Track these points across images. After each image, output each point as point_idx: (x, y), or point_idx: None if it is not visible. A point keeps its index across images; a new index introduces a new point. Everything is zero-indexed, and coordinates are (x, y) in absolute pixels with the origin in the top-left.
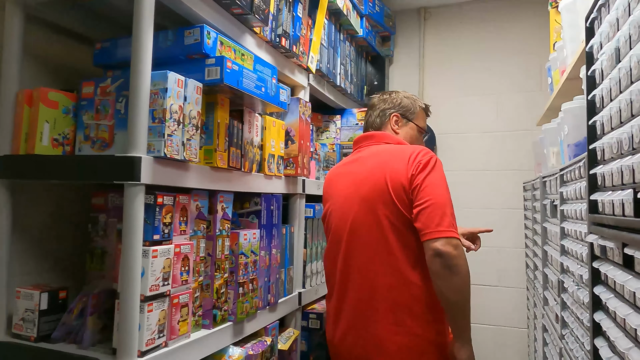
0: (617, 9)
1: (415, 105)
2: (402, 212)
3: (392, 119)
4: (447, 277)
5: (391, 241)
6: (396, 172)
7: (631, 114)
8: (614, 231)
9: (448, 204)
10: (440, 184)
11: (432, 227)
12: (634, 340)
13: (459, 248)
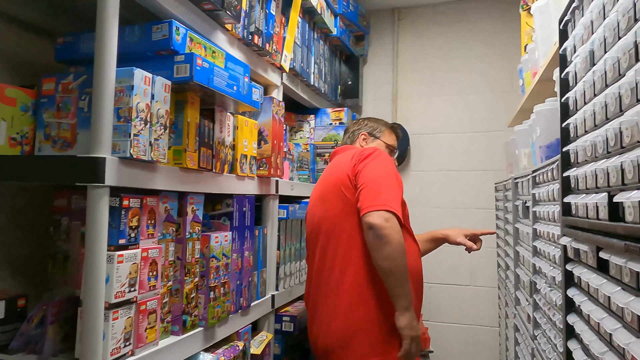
0: (592, 12)
1: (380, 125)
2: (348, 200)
3: (360, 137)
4: (379, 247)
5: (341, 229)
6: (345, 165)
7: (606, 118)
8: (588, 234)
9: (385, 184)
10: (379, 168)
11: (367, 204)
12: (609, 344)
13: (390, 220)
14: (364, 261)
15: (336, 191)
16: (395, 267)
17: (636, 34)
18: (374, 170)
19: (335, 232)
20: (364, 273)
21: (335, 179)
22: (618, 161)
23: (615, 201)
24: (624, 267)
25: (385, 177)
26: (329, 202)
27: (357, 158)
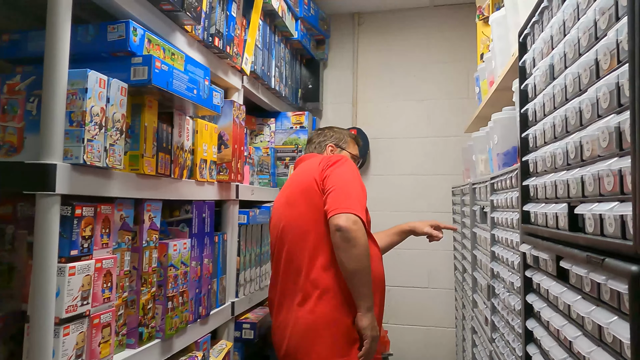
0: (552, 27)
1: (345, 137)
2: (315, 204)
3: (328, 148)
4: (347, 249)
5: (308, 232)
6: (312, 170)
7: (566, 131)
8: (548, 243)
9: (352, 189)
10: (346, 174)
11: (335, 206)
12: (569, 351)
13: (357, 223)
14: (330, 265)
15: (303, 195)
16: (361, 268)
17: (597, 52)
18: (342, 175)
19: (302, 235)
20: (329, 276)
21: (302, 184)
22: (579, 173)
23: (576, 212)
24: (584, 278)
25: (352, 183)
26: (296, 206)
27: (324, 163)
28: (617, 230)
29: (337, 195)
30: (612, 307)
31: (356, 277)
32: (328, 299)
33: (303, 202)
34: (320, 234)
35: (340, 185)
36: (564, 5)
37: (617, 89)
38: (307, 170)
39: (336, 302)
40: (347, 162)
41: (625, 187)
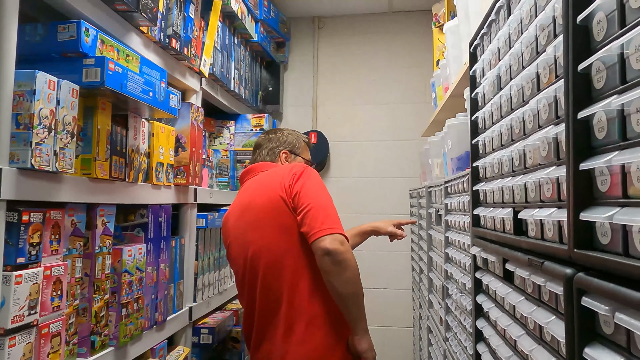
0: (499, 40)
1: (300, 141)
2: (287, 225)
3: (282, 155)
4: (339, 273)
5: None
6: (275, 187)
7: (511, 139)
8: (495, 246)
9: (329, 205)
10: (317, 188)
11: (317, 227)
12: (514, 349)
13: (345, 244)
14: (314, 288)
15: (270, 216)
16: (355, 291)
17: (538, 65)
18: (313, 190)
19: (277, 261)
20: (315, 301)
21: (267, 203)
22: (522, 180)
23: (519, 217)
24: (527, 279)
25: (325, 197)
26: (264, 229)
27: (289, 178)
28: (555, 235)
29: (315, 215)
30: (551, 308)
31: (351, 301)
32: (318, 326)
33: (272, 224)
34: (297, 257)
35: (316, 202)
36: (509, 20)
37: (555, 102)
38: (268, 186)
39: (327, 329)
40: (312, 173)
41: (562, 194)
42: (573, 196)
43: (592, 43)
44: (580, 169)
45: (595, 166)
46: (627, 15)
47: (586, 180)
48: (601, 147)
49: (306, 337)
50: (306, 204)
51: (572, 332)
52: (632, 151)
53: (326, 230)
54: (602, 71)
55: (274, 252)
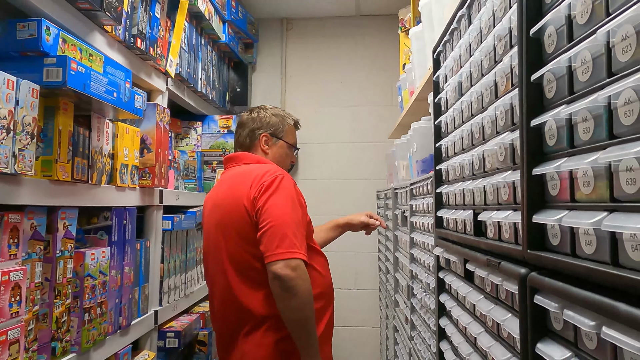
0: (460, 47)
1: (284, 123)
2: (249, 237)
3: (262, 139)
4: (286, 299)
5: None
6: (241, 196)
7: (472, 144)
8: (457, 247)
9: (290, 224)
10: (282, 204)
11: (272, 250)
12: (474, 346)
13: (298, 269)
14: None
15: (235, 225)
16: (303, 318)
17: (496, 74)
18: (277, 206)
19: (240, 268)
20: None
21: (233, 210)
22: (482, 184)
23: (479, 219)
24: (485, 279)
25: (289, 213)
26: (229, 237)
27: (257, 188)
28: (512, 236)
29: (272, 236)
30: (507, 306)
31: (298, 327)
32: (276, 331)
33: (235, 234)
34: (257, 269)
35: (277, 221)
36: (469, 29)
37: (511, 109)
38: (238, 191)
39: (284, 335)
40: (282, 185)
41: (518, 197)
42: (527, 200)
43: (544, 55)
44: (533, 174)
45: (547, 172)
46: (574, 30)
47: (539, 184)
48: (552, 153)
49: (263, 341)
50: (266, 222)
51: (526, 329)
52: (578, 158)
53: (279, 254)
54: (552, 82)
55: (236, 260)
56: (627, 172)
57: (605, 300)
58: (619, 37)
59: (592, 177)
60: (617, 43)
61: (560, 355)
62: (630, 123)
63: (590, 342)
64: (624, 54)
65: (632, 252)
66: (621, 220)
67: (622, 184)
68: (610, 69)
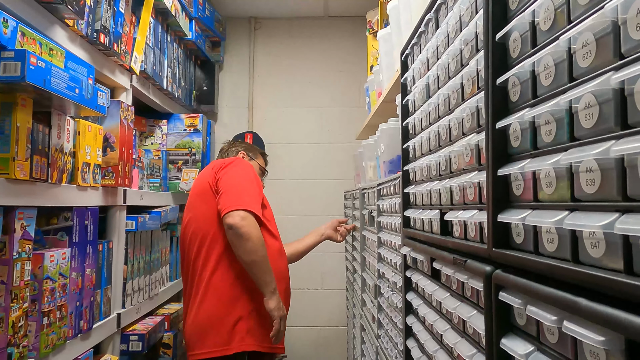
0: (428, 50)
1: (255, 150)
2: (209, 205)
3: (240, 154)
4: (240, 244)
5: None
6: (207, 176)
7: (439, 145)
8: (424, 246)
9: (243, 186)
10: (237, 173)
11: (225, 206)
12: (440, 343)
13: (247, 218)
14: (218, 263)
15: (199, 198)
16: (257, 258)
17: (462, 77)
18: (233, 175)
19: (199, 238)
20: (217, 275)
21: (198, 187)
22: (448, 184)
23: (445, 219)
24: (452, 277)
25: (243, 181)
26: (193, 210)
27: (218, 166)
28: (477, 235)
29: (227, 195)
30: (473, 303)
31: (255, 268)
32: (214, 292)
33: (199, 205)
34: (214, 235)
35: (231, 184)
36: (437, 32)
37: (477, 112)
38: (204, 174)
39: (222, 296)
40: (240, 162)
41: (483, 197)
42: (492, 199)
43: (509, 59)
44: (498, 175)
45: (511, 172)
46: (537, 36)
47: (503, 185)
48: (516, 154)
49: (204, 299)
50: (222, 187)
51: (491, 325)
52: (541, 159)
53: (232, 207)
54: (517, 85)
55: (196, 231)
56: (587, 172)
57: (566, 295)
58: (579, 43)
59: (554, 177)
60: (578, 49)
61: (524, 350)
62: (590, 126)
63: (552, 336)
64: (584, 60)
65: (592, 250)
66: (581, 219)
67: (582, 185)
68: (571, 74)
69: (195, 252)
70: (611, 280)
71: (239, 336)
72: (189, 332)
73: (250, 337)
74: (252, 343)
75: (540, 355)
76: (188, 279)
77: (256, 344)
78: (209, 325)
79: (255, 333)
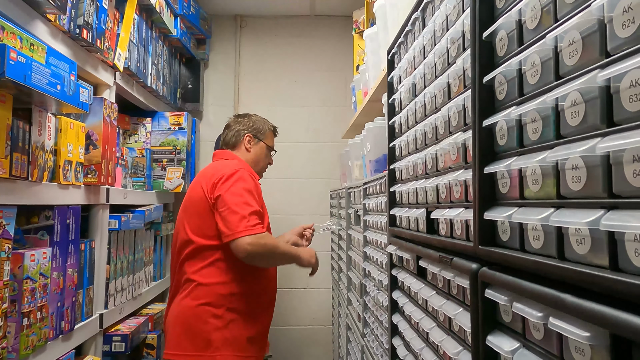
0: (415, 49)
1: (265, 127)
2: (204, 216)
3: (246, 139)
4: (261, 264)
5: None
6: (206, 183)
7: (425, 144)
8: (410, 244)
9: (246, 208)
10: (238, 192)
11: (230, 231)
12: (426, 341)
13: (253, 244)
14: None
15: (194, 209)
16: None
17: (449, 76)
18: (233, 192)
19: (189, 245)
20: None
21: (197, 196)
22: (434, 182)
23: (432, 217)
24: (438, 275)
25: (245, 201)
26: (189, 217)
27: (216, 179)
28: (463, 233)
29: (229, 217)
30: (459, 300)
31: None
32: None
33: (193, 214)
34: (202, 247)
35: (233, 205)
36: (423, 31)
37: (464, 110)
38: (204, 178)
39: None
40: (240, 177)
41: (469, 195)
42: (478, 197)
43: (496, 58)
44: (484, 173)
45: (497, 170)
46: (524, 35)
47: (490, 182)
48: (503, 152)
49: (182, 299)
50: (223, 206)
51: (477, 322)
52: (527, 157)
53: (240, 232)
54: (503, 84)
55: (185, 235)
56: (573, 170)
57: (552, 292)
58: (566, 42)
59: (540, 175)
60: (564, 48)
61: (510, 347)
62: (576, 124)
63: (537, 332)
64: (571, 58)
65: (577, 246)
66: (567, 216)
67: (568, 182)
68: (557, 72)
69: (183, 258)
70: (597, 276)
71: (214, 345)
72: (167, 328)
73: (228, 346)
74: (229, 353)
75: (525, 351)
76: (174, 280)
77: (232, 354)
78: (187, 327)
79: (232, 342)
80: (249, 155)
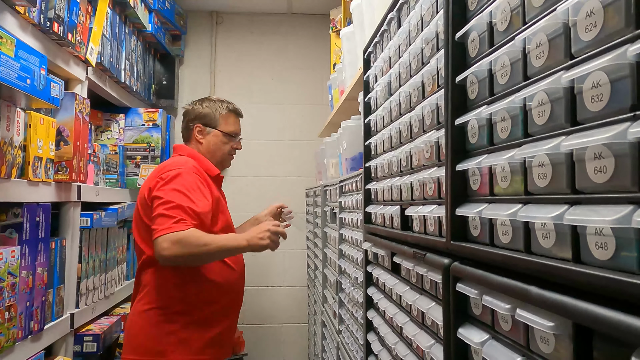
0: (390, 49)
1: (218, 112)
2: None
3: (195, 130)
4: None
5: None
6: (146, 187)
7: (400, 142)
8: (385, 241)
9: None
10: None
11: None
12: (400, 335)
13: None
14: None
15: (139, 204)
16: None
17: (423, 75)
18: (169, 192)
19: (136, 241)
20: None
21: (141, 197)
22: (409, 180)
23: (406, 214)
24: (411, 270)
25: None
26: (136, 215)
27: (156, 181)
28: (436, 229)
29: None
30: (432, 295)
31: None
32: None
33: (138, 211)
34: (143, 241)
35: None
36: (399, 31)
37: (437, 109)
38: (148, 182)
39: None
40: (180, 178)
41: (442, 192)
42: (450, 194)
43: (468, 58)
44: (456, 170)
45: (469, 167)
46: (495, 36)
47: (462, 179)
48: (474, 150)
49: (136, 303)
50: (156, 205)
51: (448, 315)
52: (497, 155)
53: (161, 231)
54: (475, 84)
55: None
56: (540, 167)
57: (518, 284)
58: (533, 44)
59: (509, 172)
60: (532, 49)
61: (479, 338)
62: (542, 123)
63: (505, 324)
64: (538, 60)
65: (543, 240)
66: (533, 212)
67: (534, 179)
68: (526, 73)
69: (139, 262)
70: (560, 268)
71: (169, 349)
72: (124, 332)
73: (184, 347)
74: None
75: (494, 342)
76: (135, 282)
77: (187, 357)
78: (139, 331)
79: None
80: (202, 147)
